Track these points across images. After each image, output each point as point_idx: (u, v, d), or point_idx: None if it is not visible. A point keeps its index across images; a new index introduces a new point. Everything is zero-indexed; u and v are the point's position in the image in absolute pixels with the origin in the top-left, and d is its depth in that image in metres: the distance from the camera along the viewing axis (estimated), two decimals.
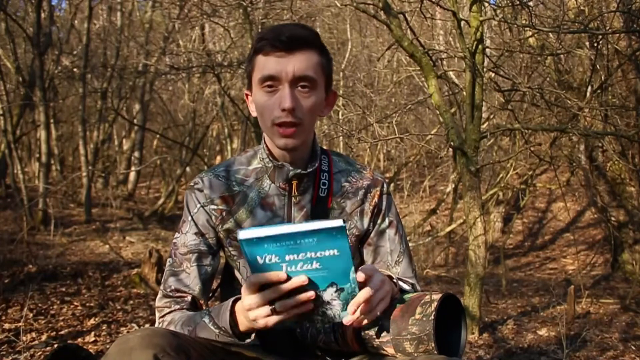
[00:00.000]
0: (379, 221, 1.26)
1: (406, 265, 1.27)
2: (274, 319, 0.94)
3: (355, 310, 0.95)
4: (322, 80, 1.15)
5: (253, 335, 1.06)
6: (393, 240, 1.26)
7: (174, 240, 1.23)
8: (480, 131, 3.49)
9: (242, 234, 0.89)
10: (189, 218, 1.22)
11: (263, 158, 1.21)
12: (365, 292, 0.95)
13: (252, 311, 0.95)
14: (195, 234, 1.21)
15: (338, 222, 0.89)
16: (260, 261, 0.91)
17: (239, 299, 1.04)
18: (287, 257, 0.91)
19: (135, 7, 10.70)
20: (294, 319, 0.96)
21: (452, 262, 7.10)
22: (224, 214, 1.21)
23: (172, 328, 1.14)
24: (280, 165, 1.18)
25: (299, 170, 1.18)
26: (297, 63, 1.09)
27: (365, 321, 0.98)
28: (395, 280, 1.11)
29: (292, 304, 0.93)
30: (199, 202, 1.21)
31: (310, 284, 0.94)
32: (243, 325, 1.03)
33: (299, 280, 0.92)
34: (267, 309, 0.94)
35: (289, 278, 0.92)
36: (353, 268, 0.95)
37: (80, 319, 3.38)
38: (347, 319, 0.97)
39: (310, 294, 0.93)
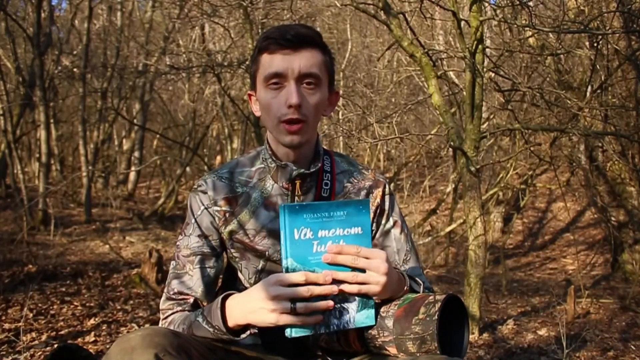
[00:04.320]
0: (383, 221, 1.26)
1: (414, 264, 1.27)
2: (288, 318, 0.96)
3: (336, 251, 0.99)
4: (326, 78, 1.17)
5: (248, 332, 1.06)
6: (399, 240, 1.26)
7: (177, 243, 1.24)
8: (480, 131, 3.49)
9: (285, 204, 0.98)
10: (193, 220, 1.22)
11: (266, 158, 1.22)
12: (354, 246, 1.01)
13: (275, 301, 0.96)
14: (199, 236, 1.21)
15: (363, 198, 1.06)
16: (296, 236, 0.97)
17: (228, 295, 1.05)
18: (319, 234, 0.98)
19: (135, 7, 10.70)
20: (302, 326, 0.99)
21: (452, 262, 7.09)
22: (227, 215, 1.21)
23: (171, 328, 1.14)
24: (284, 165, 1.18)
25: (302, 170, 1.18)
26: (302, 60, 1.11)
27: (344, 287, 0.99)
28: (405, 279, 1.11)
29: (313, 308, 0.96)
30: (203, 204, 1.21)
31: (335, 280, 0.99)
32: (233, 321, 1.04)
33: (331, 288, 0.97)
34: (288, 305, 0.96)
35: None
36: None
37: (80, 319, 3.38)
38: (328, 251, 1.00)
39: (330, 303, 0.98)
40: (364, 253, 1.01)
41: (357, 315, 1.01)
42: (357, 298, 1.00)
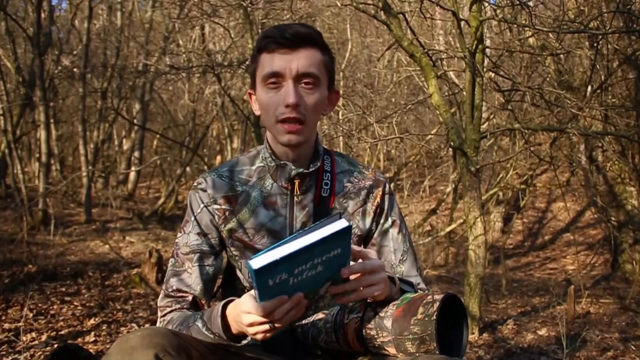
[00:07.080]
0: (381, 221, 1.26)
1: (410, 264, 1.26)
2: (272, 332, 0.96)
3: (346, 274, 0.97)
4: (325, 78, 1.17)
5: (249, 338, 1.06)
6: (396, 240, 1.26)
7: (177, 240, 1.24)
8: (480, 131, 3.49)
9: (255, 263, 0.83)
10: (192, 218, 1.22)
11: (265, 157, 1.22)
12: (361, 264, 0.99)
13: (253, 327, 0.96)
14: (198, 234, 1.21)
15: (344, 224, 0.88)
16: (271, 283, 0.89)
17: (229, 302, 1.04)
18: (295, 270, 0.89)
19: (135, 7, 10.69)
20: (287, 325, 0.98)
21: (452, 262, 7.09)
22: (226, 213, 1.21)
23: (170, 327, 1.14)
24: (283, 164, 1.18)
25: (301, 169, 1.18)
26: (301, 60, 1.11)
27: (351, 296, 0.99)
28: (396, 281, 1.11)
29: (290, 315, 0.95)
30: (203, 202, 1.21)
31: (308, 290, 0.95)
32: (235, 329, 1.03)
33: (297, 298, 0.93)
34: (267, 326, 0.95)
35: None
36: (349, 261, 0.98)
37: (80, 319, 3.38)
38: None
39: (304, 302, 0.95)
40: (362, 255, 1.01)
41: (332, 302, 1.01)
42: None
